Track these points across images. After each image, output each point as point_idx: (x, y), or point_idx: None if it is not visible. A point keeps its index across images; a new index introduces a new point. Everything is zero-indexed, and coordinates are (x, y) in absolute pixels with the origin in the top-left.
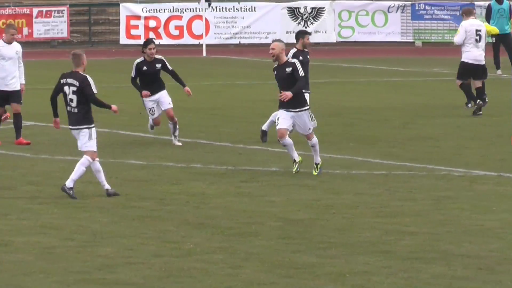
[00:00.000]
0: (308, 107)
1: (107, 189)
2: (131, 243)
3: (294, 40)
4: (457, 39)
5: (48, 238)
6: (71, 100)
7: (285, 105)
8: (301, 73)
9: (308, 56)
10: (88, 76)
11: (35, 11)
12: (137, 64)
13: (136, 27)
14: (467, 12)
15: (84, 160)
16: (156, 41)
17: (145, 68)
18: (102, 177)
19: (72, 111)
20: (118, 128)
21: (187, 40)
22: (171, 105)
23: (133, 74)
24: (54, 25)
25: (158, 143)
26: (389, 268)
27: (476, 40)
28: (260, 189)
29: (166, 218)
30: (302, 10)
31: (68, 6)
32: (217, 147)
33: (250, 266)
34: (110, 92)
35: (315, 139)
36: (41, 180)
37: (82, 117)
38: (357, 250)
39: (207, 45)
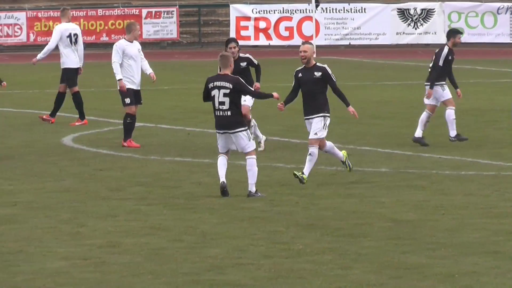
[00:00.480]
0: (323, 114)
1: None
2: (241, 244)
3: (403, 41)
4: None
5: (157, 239)
6: (222, 103)
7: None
8: (334, 78)
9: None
10: (238, 77)
11: (144, 12)
12: None
13: (246, 28)
14: None
15: (252, 161)
16: (266, 42)
17: None
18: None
19: (224, 114)
20: None
21: (297, 41)
22: (246, 103)
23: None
24: (163, 26)
25: (268, 144)
26: (498, 268)
27: None
28: (370, 190)
29: (276, 219)
30: (412, 12)
31: (177, 7)
32: None
33: (359, 266)
34: None
35: (316, 150)
36: (150, 181)
37: (235, 121)
38: (466, 250)
39: (317, 46)
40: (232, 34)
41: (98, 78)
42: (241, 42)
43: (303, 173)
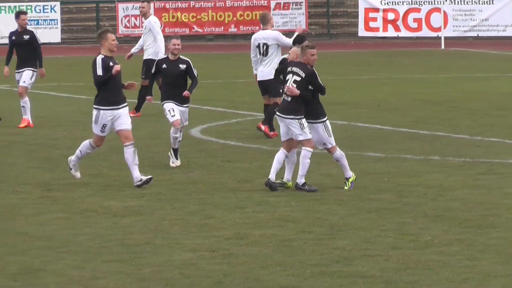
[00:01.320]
0: (323, 119)
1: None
2: (369, 235)
3: None
4: None
5: (285, 230)
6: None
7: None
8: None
9: None
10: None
11: (272, 3)
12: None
13: (375, 19)
14: None
15: (305, 153)
16: (395, 34)
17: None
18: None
19: (286, 99)
20: (356, 120)
21: (425, 32)
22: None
23: None
24: (292, 17)
25: (396, 136)
26: None
27: None
28: (498, 181)
29: (404, 210)
30: None
31: None
32: (455, 139)
33: (487, 258)
34: (348, 84)
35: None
36: (278, 173)
37: (292, 108)
38: None
39: (445, 38)
40: (361, 26)
41: (225, 69)
42: (369, 34)
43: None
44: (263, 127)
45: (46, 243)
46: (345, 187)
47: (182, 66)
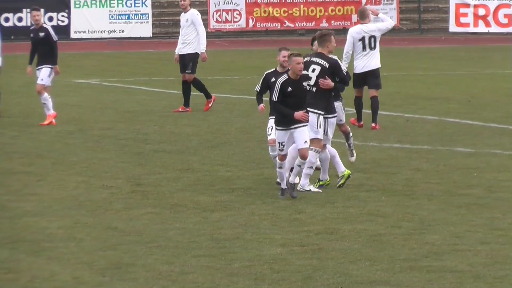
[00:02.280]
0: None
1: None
2: (458, 230)
3: None
4: None
5: (375, 225)
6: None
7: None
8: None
9: None
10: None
11: None
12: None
13: (466, 15)
14: None
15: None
16: (485, 29)
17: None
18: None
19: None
20: (446, 115)
21: None
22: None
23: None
24: (383, 12)
25: (487, 131)
26: None
27: None
28: None
29: (494, 205)
30: None
31: None
32: None
33: None
34: (439, 79)
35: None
36: (369, 168)
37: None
38: None
39: None
40: (452, 21)
41: None
42: (460, 29)
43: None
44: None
45: (136, 238)
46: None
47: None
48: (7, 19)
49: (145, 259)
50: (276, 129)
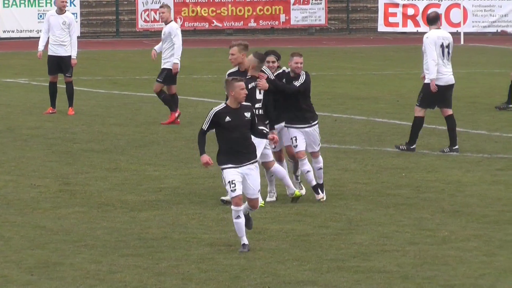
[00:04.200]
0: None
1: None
2: (386, 231)
3: None
4: None
5: (302, 225)
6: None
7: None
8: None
9: None
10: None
11: None
12: None
13: (395, 14)
14: None
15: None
16: (414, 29)
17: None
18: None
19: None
20: (375, 115)
21: (444, 28)
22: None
23: None
24: (311, 12)
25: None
26: None
27: None
28: None
29: (422, 205)
30: None
31: None
32: (474, 135)
33: (504, 253)
34: (367, 79)
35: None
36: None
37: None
38: None
39: (464, 33)
40: (381, 21)
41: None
42: (389, 29)
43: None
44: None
45: (64, 237)
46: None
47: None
48: None
49: (73, 258)
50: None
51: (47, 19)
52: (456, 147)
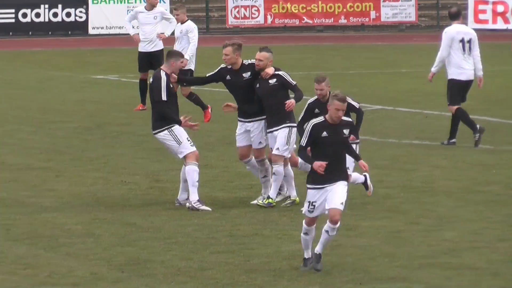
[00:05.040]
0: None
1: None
2: (476, 227)
3: None
4: None
5: (393, 222)
6: None
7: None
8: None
9: None
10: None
11: None
12: None
13: (484, 11)
14: None
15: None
16: (504, 26)
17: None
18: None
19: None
20: None
21: None
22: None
23: None
24: (402, 9)
25: (505, 127)
26: None
27: None
28: None
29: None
30: None
31: None
32: None
33: None
34: None
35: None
36: (387, 164)
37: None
38: None
39: None
40: (470, 18)
41: (335, 60)
42: (479, 26)
43: (268, 197)
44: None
45: (154, 234)
46: (259, 202)
47: None
48: (24, 15)
49: (164, 255)
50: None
51: (134, 14)
52: (454, 140)
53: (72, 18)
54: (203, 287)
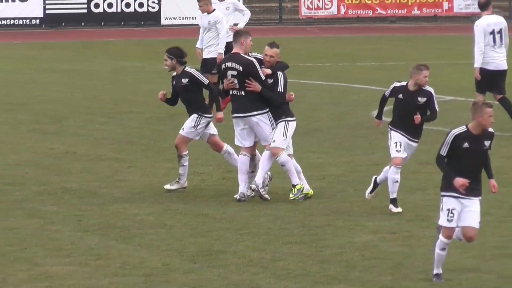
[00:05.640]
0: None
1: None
2: None
3: None
4: None
5: None
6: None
7: None
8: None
9: None
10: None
11: None
12: None
13: None
14: None
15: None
16: None
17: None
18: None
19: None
20: None
21: None
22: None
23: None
24: (474, 0)
25: None
26: None
27: None
28: None
29: None
30: None
31: None
32: None
33: None
34: None
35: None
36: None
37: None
38: None
39: None
40: None
41: (409, 51)
42: None
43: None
44: None
45: (227, 225)
46: (291, 195)
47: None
48: (97, 5)
49: (236, 246)
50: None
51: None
52: None
53: (144, 9)
54: (275, 278)
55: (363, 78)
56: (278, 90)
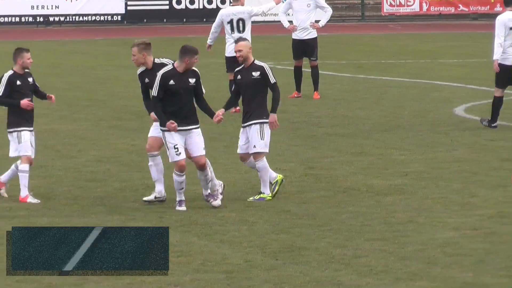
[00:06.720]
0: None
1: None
2: None
3: None
4: None
5: None
6: None
7: None
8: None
9: None
10: None
11: None
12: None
13: None
14: None
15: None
16: None
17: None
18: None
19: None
20: None
21: None
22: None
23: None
24: None
25: None
26: None
27: None
28: None
29: None
30: None
31: None
32: None
33: None
34: None
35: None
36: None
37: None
38: None
39: None
40: None
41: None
42: None
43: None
44: None
45: (309, 221)
46: (251, 198)
47: None
48: (179, 2)
49: (318, 243)
50: None
51: (288, 4)
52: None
53: (226, 5)
54: (357, 275)
55: (444, 75)
56: (272, 82)
